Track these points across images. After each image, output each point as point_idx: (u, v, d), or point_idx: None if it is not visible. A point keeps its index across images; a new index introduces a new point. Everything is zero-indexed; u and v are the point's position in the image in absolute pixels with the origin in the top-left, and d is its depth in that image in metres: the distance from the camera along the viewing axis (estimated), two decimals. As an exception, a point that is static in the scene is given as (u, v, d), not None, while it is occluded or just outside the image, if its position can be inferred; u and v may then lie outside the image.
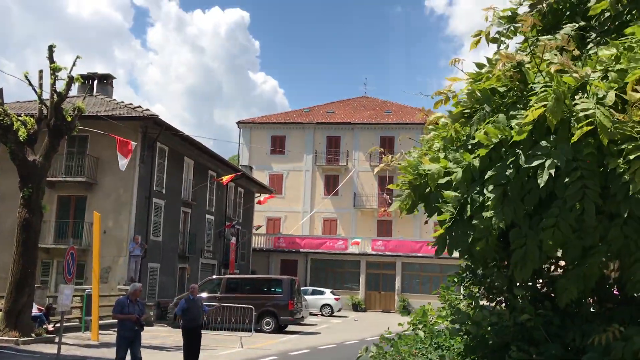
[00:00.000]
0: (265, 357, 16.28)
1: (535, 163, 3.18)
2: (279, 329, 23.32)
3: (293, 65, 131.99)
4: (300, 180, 47.19)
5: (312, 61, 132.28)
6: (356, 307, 39.43)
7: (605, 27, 3.98)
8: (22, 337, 16.72)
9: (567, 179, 3.18)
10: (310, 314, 30.35)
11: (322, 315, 33.77)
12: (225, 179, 30.64)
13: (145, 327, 12.46)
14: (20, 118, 18.38)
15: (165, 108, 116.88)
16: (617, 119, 3.24)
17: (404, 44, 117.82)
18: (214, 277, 27.37)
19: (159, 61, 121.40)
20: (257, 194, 42.53)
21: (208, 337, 18.60)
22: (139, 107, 27.33)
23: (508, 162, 3.30)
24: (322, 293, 35.37)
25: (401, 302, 38.75)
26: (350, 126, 47.15)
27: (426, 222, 4.03)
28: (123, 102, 28.41)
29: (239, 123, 49.14)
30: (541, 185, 3.12)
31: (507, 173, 3.27)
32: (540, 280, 3.91)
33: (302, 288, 30.57)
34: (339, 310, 35.28)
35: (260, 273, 38.07)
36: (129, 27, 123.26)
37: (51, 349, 13.79)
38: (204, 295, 22.90)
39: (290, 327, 24.39)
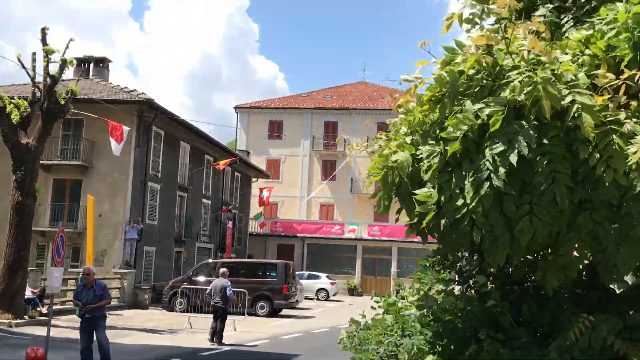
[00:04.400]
0: (257, 341, 16.32)
1: (498, 150, 3.06)
2: (274, 313, 23.38)
3: (293, 50, 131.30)
4: (298, 165, 47.07)
5: (313, 46, 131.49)
6: (352, 292, 39.55)
7: (582, 9, 3.90)
8: (15, 320, 16.80)
9: (537, 167, 3.10)
10: (306, 298, 30.45)
11: (318, 299, 33.88)
12: (222, 163, 30.59)
13: (105, 315, 10.95)
14: (13, 100, 18.28)
15: (164, 92, 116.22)
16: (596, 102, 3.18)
17: (403, 28, 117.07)
18: (210, 260, 27.38)
19: (158, 44, 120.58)
20: (254, 179, 42.48)
21: (200, 321, 18.69)
22: (135, 90, 27.19)
23: (484, 151, 3.19)
24: (317, 277, 35.46)
25: (397, 287, 38.79)
26: (347, 111, 46.92)
27: (397, 220, 3.86)
28: (119, 85, 28.27)
29: (236, 107, 48.96)
30: (500, 174, 3.02)
31: (486, 163, 3.17)
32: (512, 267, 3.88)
33: (297, 272, 30.64)
34: (335, 294, 35.39)
35: (257, 257, 38.08)
36: (128, 10, 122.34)
37: (43, 331, 13.76)
38: (201, 278, 22.99)
39: (285, 311, 24.46)
